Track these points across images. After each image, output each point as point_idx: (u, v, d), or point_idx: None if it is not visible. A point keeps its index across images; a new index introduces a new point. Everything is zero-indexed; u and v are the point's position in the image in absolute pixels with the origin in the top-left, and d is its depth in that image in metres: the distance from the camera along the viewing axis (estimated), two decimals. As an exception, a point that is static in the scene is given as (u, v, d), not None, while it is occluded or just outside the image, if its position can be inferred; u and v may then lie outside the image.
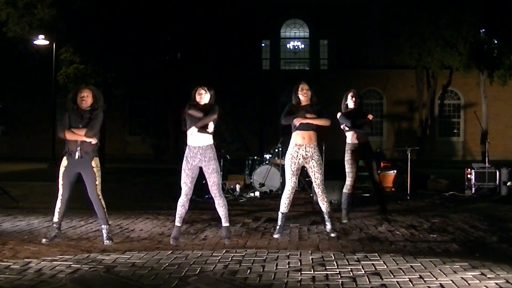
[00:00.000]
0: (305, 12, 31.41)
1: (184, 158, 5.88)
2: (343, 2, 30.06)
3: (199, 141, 5.79)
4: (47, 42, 19.89)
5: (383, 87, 28.47)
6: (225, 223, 5.92)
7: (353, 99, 7.23)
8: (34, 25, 17.54)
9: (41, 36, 19.37)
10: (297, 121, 6.07)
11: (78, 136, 5.66)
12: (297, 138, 6.14)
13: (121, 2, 19.37)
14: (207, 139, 5.82)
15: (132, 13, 19.97)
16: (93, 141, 5.69)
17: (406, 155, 10.18)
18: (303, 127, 6.11)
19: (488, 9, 20.61)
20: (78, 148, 5.66)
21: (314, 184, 6.24)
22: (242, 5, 27.03)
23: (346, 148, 7.20)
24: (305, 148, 6.11)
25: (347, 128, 7.18)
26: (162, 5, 21.35)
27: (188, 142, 5.85)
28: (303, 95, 6.20)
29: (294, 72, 31.49)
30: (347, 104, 7.27)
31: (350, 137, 7.19)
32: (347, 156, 7.13)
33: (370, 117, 7.25)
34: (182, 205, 5.89)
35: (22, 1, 16.74)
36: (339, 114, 7.25)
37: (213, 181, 5.83)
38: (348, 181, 7.09)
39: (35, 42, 19.73)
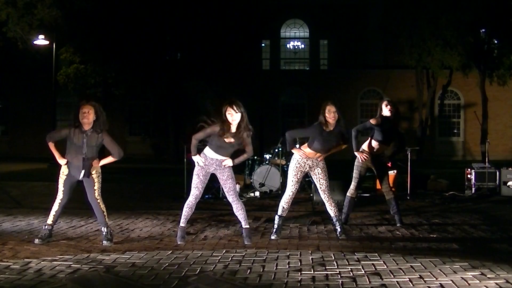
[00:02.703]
0: (305, 12, 31.41)
1: (199, 165, 5.79)
2: (343, 2, 30.06)
3: (217, 156, 5.74)
4: (47, 42, 19.89)
5: (383, 87, 28.47)
6: (245, 225, 5.88)
7: (388, 107, 6.80)
8: (34, 25, 17.53)
9: (41, 36, 19.36)
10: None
11: (56, 154, 5.75)
12: (310, 154, 6.08)
13: (121, 2, 19.39)
14: (225, 155, 5.76)
15: (132, 13, 19.98)
16: (98, 163, 5.81)
17: (406, 155, 10.18)
18: (323, 149, 6.03)
19: (488, 9, 20.61)
20: (83, 171, 5.71)
21: (319, 190, 6.17)
22: (242, 5, 27.03)
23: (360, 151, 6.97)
24: (313, 160, 6.10)
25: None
26: (162, 5, 21.35)
27: (207, 153, 5.74)
28: (331, 118, 5.96)
29: (294, 72, 31.51)
30: (382, 114, 6.84)
31: (367, 144, 6.93)
32: (357, 161, 6.91)
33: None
34: (190, 207, 5.87)
35: (22, 1, 16.73)
36: (373, 121, 6.80)
37: (229, 187, 5.81)
38: (352, 185, 6.95)
39: (35, 42, 19.73)
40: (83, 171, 5.72)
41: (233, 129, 5.60)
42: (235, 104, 5.55)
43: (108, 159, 5.87)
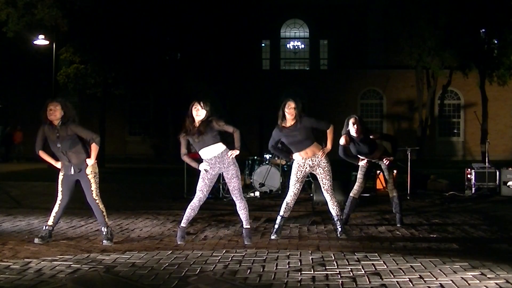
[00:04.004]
0: (305, 12, 31.42)
1: (205, 169, 5.81)
2: (343, 2, 30.06)
3: (212, 153, 5.73)
4: (47, 42, 19.90)
5: (383, 87, 28.48)
6: (246, 225, 5.89)
7: (355, 126, 6.60)
8: (34, 25, 17.55)
9: (41, 36, 19.38)
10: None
11: (50, 160, 5.87)
12: (302, 155, 6.06)
13: (121, 2, 19.38)
14: (219, 147, 5.74)
15: (132, 13, 19.97)
16: (90, 162, 5.77)
17: (406, 155, 10.19)
18: (298, 146, 6.01)
19: (488, 9, 20.60)
20: (71, 165, 5.75)
21: (322, 189, 6.15)
22: (242, 5, 27.03)
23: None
24: (311, 159, 6.06)
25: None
26: (162, 5, 21.34)
27: (203, 156, 5.78)
28: (290, 114, 5.92)
29: (294, 72, 31.51)
30: (348, 131, 6.68)
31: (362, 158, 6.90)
32: (363, 163, 6.89)
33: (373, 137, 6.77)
34: (192, 209, 5.86)
35: (22, 1, 16.73)
36: (343, 143, 6.64)
37: (233, 186, 5.81)
38: (356, 185, 6.92)
39: (35, 42, 19.74)
40: (71, 166, 5.72)
41: (196, 123, 5.69)
42: (203, 101, 5.71)
43: (93, 151, 5.77)
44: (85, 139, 5.81)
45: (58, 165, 5.85)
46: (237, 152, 5.77)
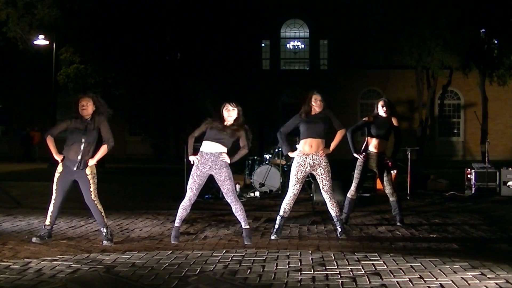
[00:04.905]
0: (305, 12, 31.42)
1: (195, 164, 5.84)
2: (343, 2, 30.06)
3: (213, 148, 5.77)
4: (47, 42, 19.90)
5: (383, 87, 28.48)
6: (245, 225, 5.89)
7: (384, 108, 6.99)
8: (34, 25, 17.57)
9: (41, 36, 19.37)
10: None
11: (53, 149, 5.73)
12: (305, 147, 6.04)
13: (121, 2, 19.40)
14: (220, 148, 5.78)
15: (132, 13, 19.99)
16: (92, 162, 5.76)
17: (406, 155, 10.18)
18: (312, 134, 6.03)
19: (488, 9, 20.62)
20: (79, 160, 5.67)
21: (322, 190, 6.13)
22: (242, 5, 27.04)
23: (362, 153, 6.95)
24: (312, 156, 6.03)
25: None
26: (162, 5, 21.36)
27: (202, 148, 5.82)
28: (318, 106, 6.08)
29: (294, 72, 31.50)
30: (377, 113, 7.04)
31: (365, 145, 6.94)
32: (359, 162, 6.89)
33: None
34: (184, 208, 5.87)
35: (22, 1, 16.75)
36: (366, 119, 7.05)
37: (227, 188, 5.81)
38: (353, 186, 6.91)
39: (35, 42, 19.74)
40: (77, 162, 5.64)
41: (228, 123, 5.83)
42: (233, 101, 5.91)
43: (101, 152, 5.80)
44: (103, 137, 5.81)
45: (58, 157, 5.72)
46: (229, 160, 5.80)
